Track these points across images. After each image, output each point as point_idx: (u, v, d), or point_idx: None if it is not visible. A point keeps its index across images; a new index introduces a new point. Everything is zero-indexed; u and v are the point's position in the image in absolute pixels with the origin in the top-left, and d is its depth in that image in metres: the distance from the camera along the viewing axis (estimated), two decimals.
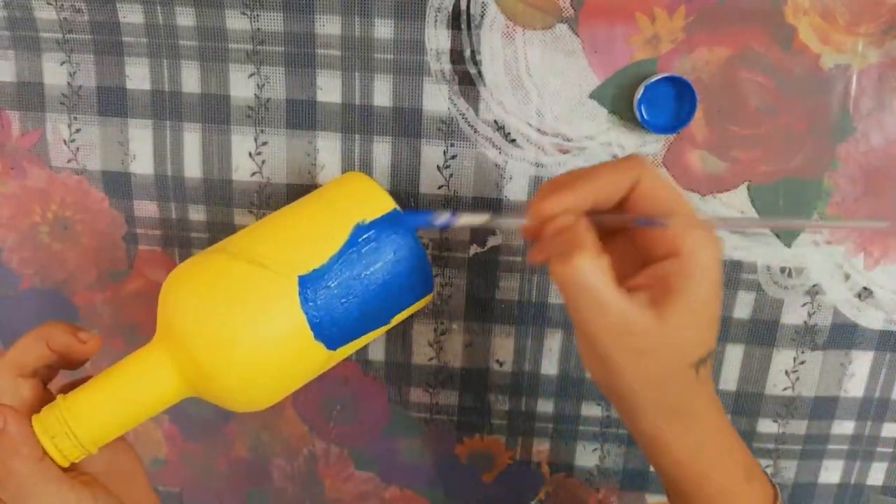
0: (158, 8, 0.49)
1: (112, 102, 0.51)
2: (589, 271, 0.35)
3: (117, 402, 0.40)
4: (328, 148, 0.51)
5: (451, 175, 0.51)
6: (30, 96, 0.52)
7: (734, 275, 0.51)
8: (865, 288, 0.51)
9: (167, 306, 0.41)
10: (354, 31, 0.49)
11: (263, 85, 0.50)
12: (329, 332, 0.41)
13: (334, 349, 0.42)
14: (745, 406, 0.54)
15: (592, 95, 0.49)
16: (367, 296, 0.42)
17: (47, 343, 0.41)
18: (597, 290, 0.35)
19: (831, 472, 0.56)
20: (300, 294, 0.40)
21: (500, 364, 0.55)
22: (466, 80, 0.49)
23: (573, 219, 0.36)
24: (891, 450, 0.55)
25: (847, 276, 0.51)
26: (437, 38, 0.48)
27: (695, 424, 0.39)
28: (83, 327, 0.42)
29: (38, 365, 0.41)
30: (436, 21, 0.48)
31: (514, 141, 0.50)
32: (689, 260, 0.36)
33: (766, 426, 0.55)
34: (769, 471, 0.56)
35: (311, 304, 0.40)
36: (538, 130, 0.50)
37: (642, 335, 0.36)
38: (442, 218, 0.40)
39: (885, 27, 0.46)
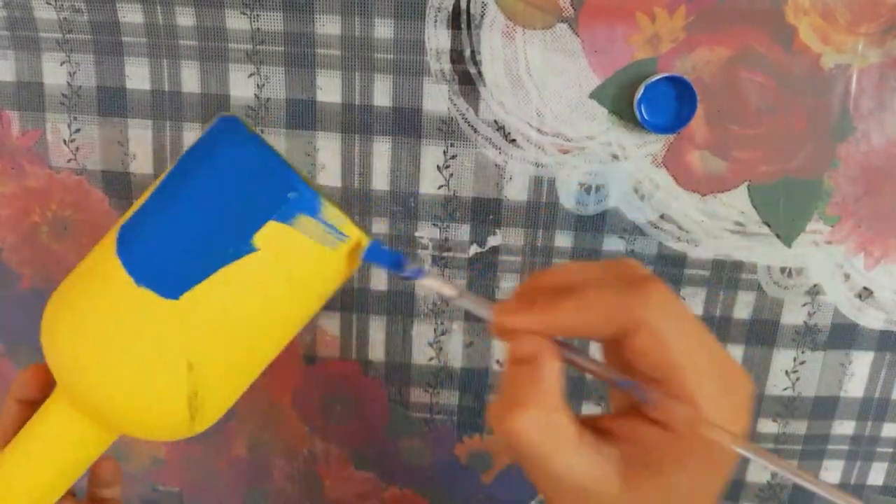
0: (158, 8, 0.49)
1: (112, 102, 0.51)
2: (531, 433, 0.27)
3: (31, 473, 0.35)
4: (328, 148, 0.51)
5: (451, 175, 0.51)
6: (30, 96, 0.51)
7: (734, 275, 0.51)
8: (866, 288, 0.51)
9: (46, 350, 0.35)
10: (354, 31, 0.48)
11: (263, 85, 0.50)
12: (152, 272, 0.32)
13: (175, 297, 0.32)
14: None
15: (592, 95, 0.49)
16: (189, 215, 0.32)
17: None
18: (541, 457, 0.28)
19: (831, 472, 0.56)
20: (117, 241, 0.33)
21: (501, 364, 0.55)
22: (466, 79, 0.49)
23: (536, 348, 0.29)
24: (891, 450, 0.55)
25: (847, 277, 0.51)
26: (437, 38, 0.48)
27: None
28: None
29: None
30: (436, 21, 0.48)
31: (514, 141, 0.50)
32: (685, 443, 0.27)
33: (766, 426, 0.55)
34: (768, 471, 0.56)
35: (125, 246, 0.33)
36: (538, 130, 0.49)
37: (596, 500, 0.28)
38: (410, 269, 0.32)
39: (886, 27, 0.46)
